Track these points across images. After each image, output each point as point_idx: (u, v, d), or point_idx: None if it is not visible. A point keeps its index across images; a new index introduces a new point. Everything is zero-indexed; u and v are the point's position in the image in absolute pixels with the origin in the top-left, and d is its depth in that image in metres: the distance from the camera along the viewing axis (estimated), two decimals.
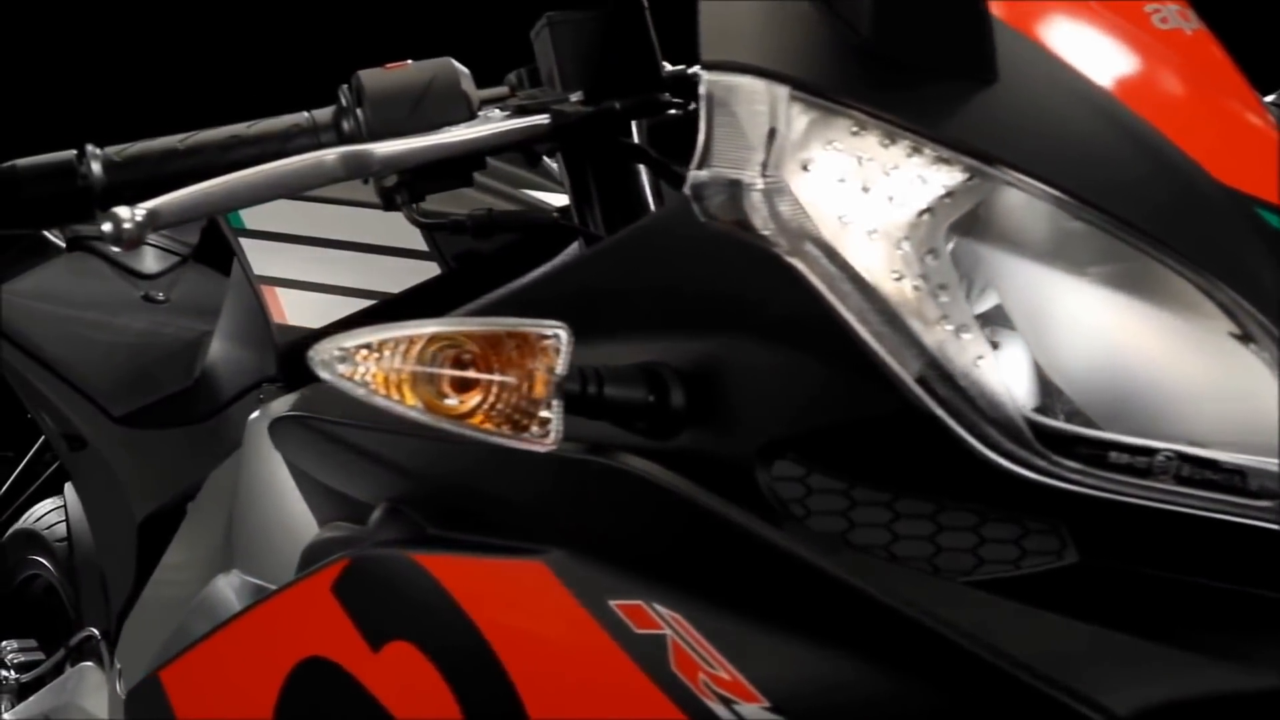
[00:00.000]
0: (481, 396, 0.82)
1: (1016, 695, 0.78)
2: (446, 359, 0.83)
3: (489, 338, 0.82)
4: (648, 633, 0.86)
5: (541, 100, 1.10)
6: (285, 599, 1.13)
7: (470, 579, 0.97)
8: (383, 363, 0.82)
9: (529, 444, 0.83)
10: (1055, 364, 0.84)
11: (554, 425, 0.82)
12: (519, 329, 0.82)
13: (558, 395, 0.82)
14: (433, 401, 0.83)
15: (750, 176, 0.82)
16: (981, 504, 0.86)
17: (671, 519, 0.86)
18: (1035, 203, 0.83)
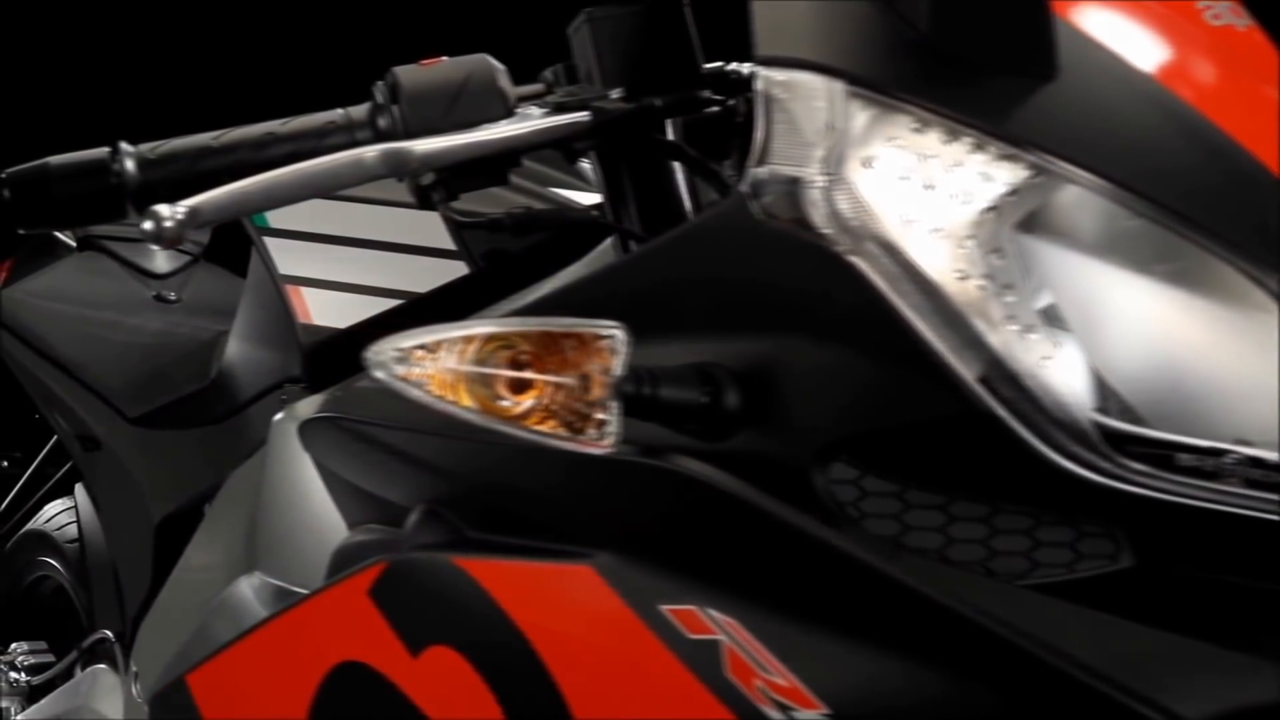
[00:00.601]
0: (537, 398, 0.81)
1: (1081, 699, 0.77)
2: (502, 360, 0.81)
3: (545, 338, 0.80)
4: (700, 638, 0.85)
5: (581, 97, 1.09)
6: (319, 603, 1.12)
7: (514, 583, 0.95)
8: (438, 363, 0.81)
9: (585, 446, 0.81)
10: (1112, 364, 0.82)
11: (611, 427, 0.81)
12: (576, 329, 0.80)
13: (615, 396, 0.80)
14: (487, 403, 0.81)
15: (810, 174, 0.80)
16: (1038, 507, 0.85)
17: (726, 522, 0.84)
18: (1094, 199, 0.82)
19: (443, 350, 0.81)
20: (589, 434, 0.81)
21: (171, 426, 1.88)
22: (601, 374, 0.80)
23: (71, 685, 2.14)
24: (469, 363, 0.81)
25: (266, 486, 1.47)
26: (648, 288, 0.88)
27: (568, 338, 0.81)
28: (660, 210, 1.18)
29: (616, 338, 0.80)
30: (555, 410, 0.81)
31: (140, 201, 1.07)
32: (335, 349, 1.43)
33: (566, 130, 1.08)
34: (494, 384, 0.81)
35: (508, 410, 0.82)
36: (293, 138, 1.09)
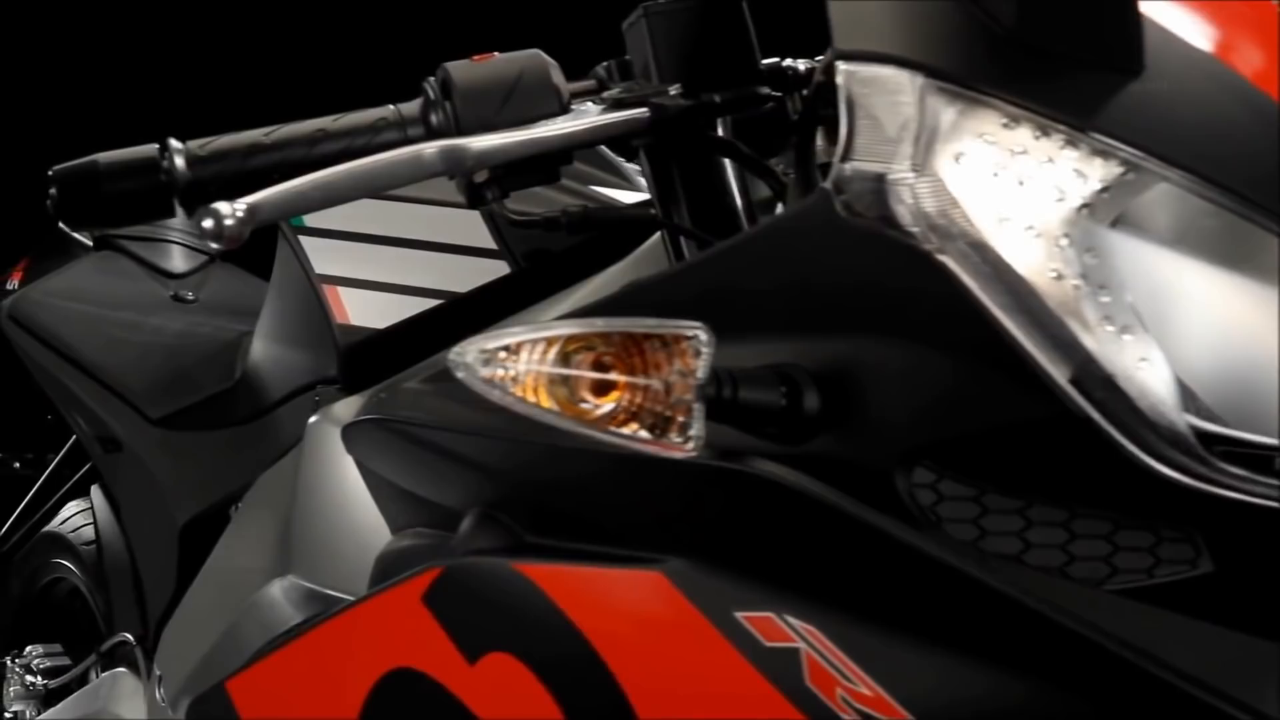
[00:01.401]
0: (618, 400, 0.79)
1: (1176, 706, 0.76)
2: (584, 361, 0.79)
3: (628, 339, 0.78)
4: (779, 646, 0.83)
5: (640, 93, 1.07)
6: (369, 609, 1.10)
7: (578, 589, 0.93)
8: (520, 365, 0.79)
9: (668, 450, 0.79)
10: (1197, 366, 0.81)
11: (695, 431, 0.79)
12: (659, 330, 0.78)
13: (699, 399, 0.78)
14: (568, 405, 0.79)
15: (897, 171, 0.78)
16: (1119, 511, 0.83)
17: (806, 526, 0.83)
18: (1179, 196, 0.80)
19: (524, 351, 0.79)
20: (672, 437, 0.79)
21: (195, 428, 1.86)
22: (685, 376, 0.78)
23: (90, 689, 2.12)
24: (550, 364, 0.79)
25: (302, 489, 1.45)
26: (724, 287, 0.86)
27: (651, 339, 0.78)
28: (712, 208, 1.16)
29: (700, 339, 0.78)
30: (637, 413, 0.79)
31: (189, 200, 1.05)
32: (373, 350, 1.41)
33: (625, 127, 1.06)
34: (575, 386, 0.79)
35: (588, 413, 0.80)
36: (344, 134, 1.07)
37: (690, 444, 0.79)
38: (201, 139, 1.06)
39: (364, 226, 1.44)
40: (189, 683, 1.71)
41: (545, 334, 0.79)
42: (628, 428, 0.80)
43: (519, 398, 0.79)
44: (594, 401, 0.79)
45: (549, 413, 0.80)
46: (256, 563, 1.57)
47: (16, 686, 2.33)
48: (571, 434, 0.81)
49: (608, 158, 1.43)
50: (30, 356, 2.15)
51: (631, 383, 0.79)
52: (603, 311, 0.83)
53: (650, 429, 0.79)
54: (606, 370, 0.79)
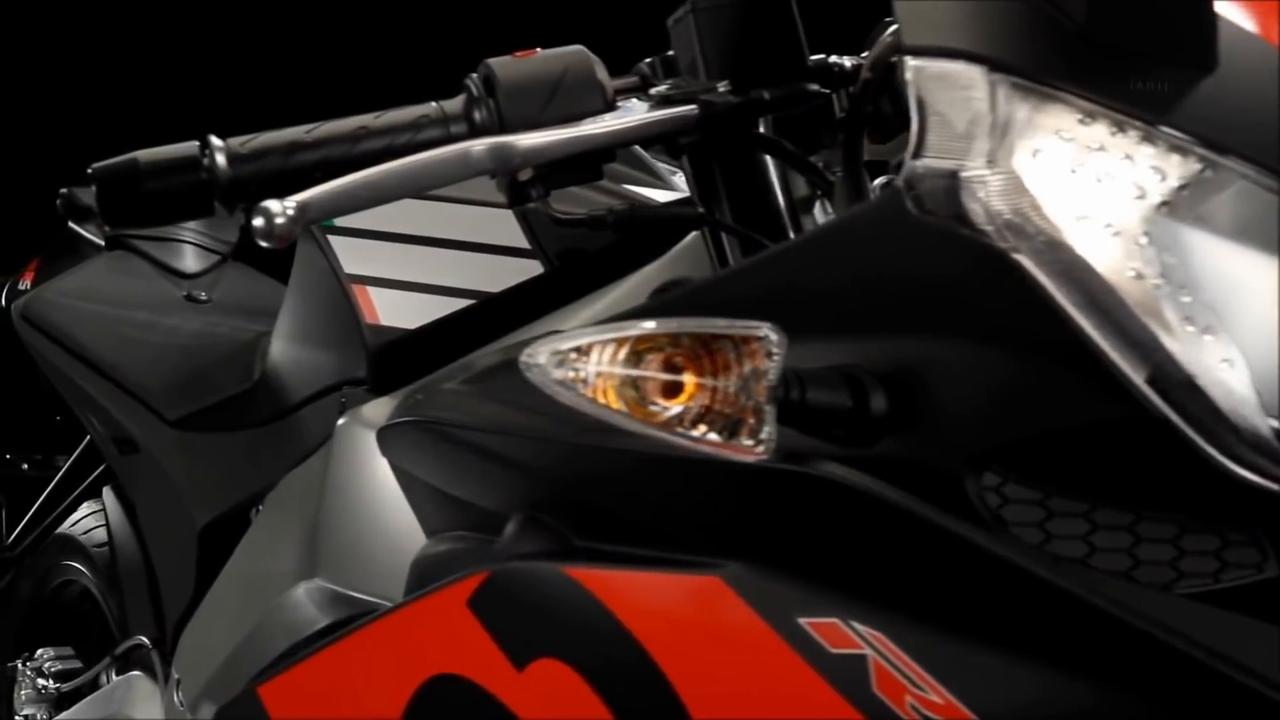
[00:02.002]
0: (689, 402, 0.77)
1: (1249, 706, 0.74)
2: (654, 362, 0.77)
3: (699, 339, 0.77)
4: (845, 652, 0.81)
5: (688, 90, 1.05)
6: (410, 614, 1.08)
7: (632, 594, 0.92)
8: (590, 366, 0.77)
9: (739, 453, 0.78)
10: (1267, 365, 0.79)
11: (766, 434, 0.77)
12: (730, 330, 0.77)
13: (770, 401, 0.77)
14: (636, 407, 0.78)
15: (970, 168, 0.77)
16: (1191, 514, 0.81)
17: (873, 530, 0.81)
18: (1259, 195, 0.78)
19: (594, 352, 0.77)
20: (742, 440, 0.77)
21: (213, 429, 1.84)
22: (757, 378, 0.76)
23: (105, 692, 2.10)
24: (621, 365, 0.77)
25: (331, 491, 1.43)
26: (789, 286, 0.85)
27: (722, 339, 0.77)
28: (755, 207, 1.14)
29: (772, 340, 0.77)
30: (707, 415, 0.78)
31: (229, 198, 1.04)
32: (403, 351, 1.39)
33: (673, 124, 1.05)
34: (645, 387, 0.78)
35: (656, 415, 0.78)
36: (386, 131, 1.05)
37: (761, 447, 0.77)
38: (242, 136, 1.04)
39: (394, 226, 1.42)
40: (209, 686, 1.69)
41: (616, 335, 0.77)
42: (696, 430, 0.78)
43: (590, 399, 0.78)
44: (663, 403, 0.77)
45: (619, 414, 0.78)
46: (280, 565, 1.56)
47: (28, 690, 2.31)
48: (635, 436, 0.80)
49: (640, 156, 1.41)
50: (44, 357, 2.14)
51: (703, 384, 0.77)
52: (667, 312, 0.81)
53: (720, 431, 0.78)
54: (677, 371, 0.77)
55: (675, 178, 1.43)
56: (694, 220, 1.12)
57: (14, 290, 2.30)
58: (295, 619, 1.49)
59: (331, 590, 1.44)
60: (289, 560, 1.53)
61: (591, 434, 0.94)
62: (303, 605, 1.49)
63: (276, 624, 1.53)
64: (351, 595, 1.42)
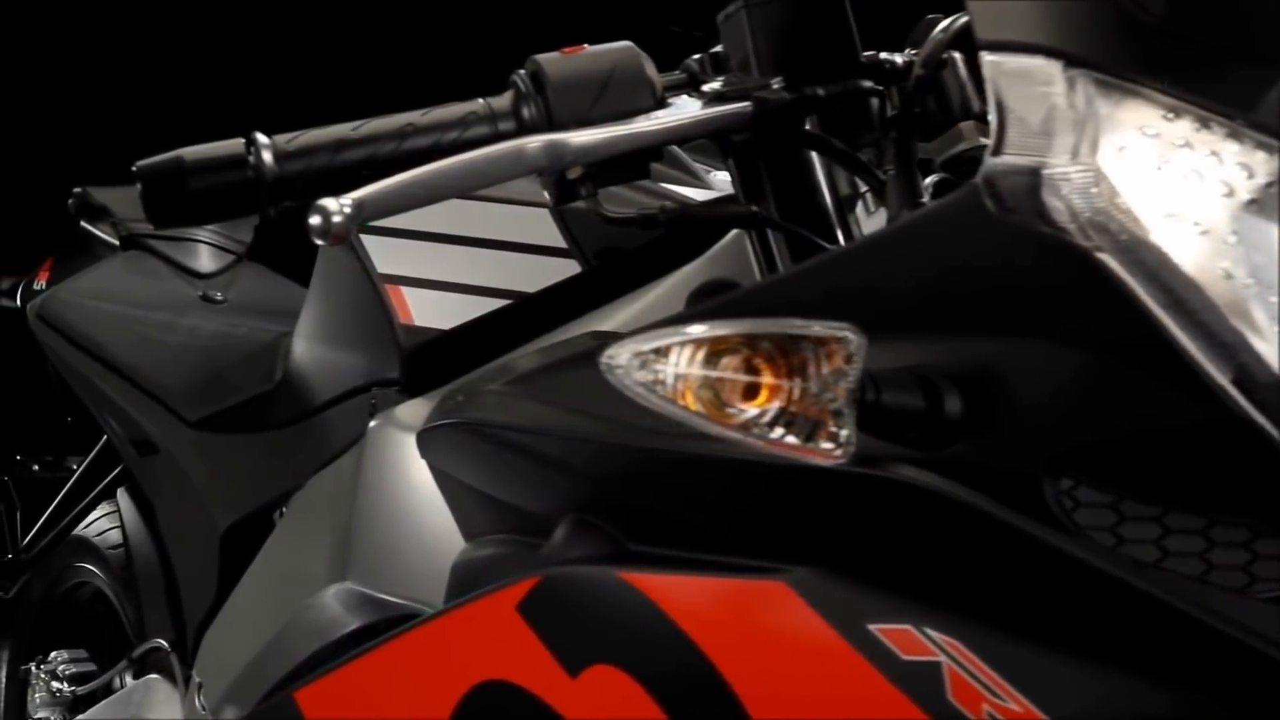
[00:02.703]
0: (767, 404, 0.76)
1: None
2: (732, 363, 0.76)
3: (778, 340, 0.75)
4: (918, 659, 0.79)
5: (741, 86, 1.03)
6: (457, 619, 1.06)
7: (692, 599, 0.90)
8: (669, 367, 0.75)
9: (816, 457, 0.76)
10: None
11: (846, 437, 0.75)
12: (810, 331, 0.75)
13: (851, 404, 0.75)
14: (713, 409, 0.76)
15: (1053, 165, 0.75)
16: (1261, 518, 0.80)
17: (948, 534, 0.79)
18: None
19: (673, 354, 0.76)
20: (821, 443, 0.75)
21: (235, 430, 1.83)
22: (838, 379, 0.75)
23: (123, 695, 2.08)
24: (699, 366, 0.76)
25: (363, 494, 1.41)
26: (862, 285, 0.83)
27: (802, 340, 0.75)
28: (802, 205, 1.13)
29: (853, 341, 0.75)
30: (785, 417, 0.76)
31: (275, 196, 1.02)
32: (438, 351, 1.38)
33: (727, 121, 1.03)
34: (723, 389, 0.76)
35: (733, 417, 0.76)
36: (433, 128, 1.04)
37: (840, 450, 0.76)
38: (287, 134, 1.03)
39: (429, 225, 1.40)
40: (233, 690, 1.67)
41: (695, 336, 0.75)
42: (774, 432, 0.76)
43: (671, 401, 0.76)
44: (741, 405, 0.76)
45: (697, 416, 0.76)
46: (308, 568, 1.54)
47: (42, 693, 2.30)
48: (703, 439, 0.78)
49: (677, 154, 1.40)
50: (60, 357, 2.12)
51: (782, 386, 0.75)
52: (740, 312, 0.79)
53: (798, 434, 0.76)
54: (756, 373, 0.76)
55: (710, 176, 1.41)
56: (746, 219, 1.10)
57: (29, 290, 2.28)
58: (324, 622, 1.48)
59: (363, 593, 1.43)
60: (317, 563, 1.51)
61: (647, 436, 0.93)
62: (332, 608, 1.47)
63: (304, 627, 1.51)
64: (384, 599, 1.40)
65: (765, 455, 0.78)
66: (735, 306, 0.85)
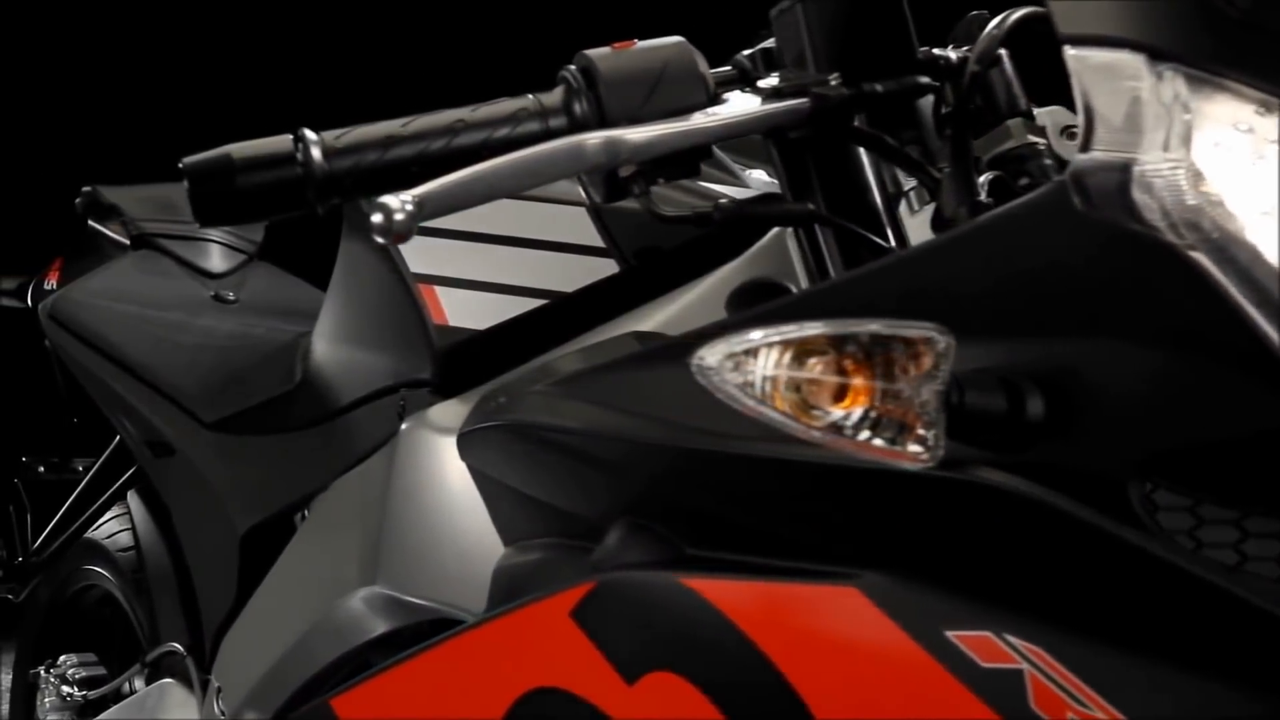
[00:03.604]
0: (855, 406, 0.74)
1: None
2: (821, 364, 0.74)
3: (869, 341, 0.73)
4: (998, 667, 0.78)
5: (799, 82, 1.02)
6: (506, 625, 1.04)
7: (757, 605, 0.88)
8: (758, 368, 0.74)
9: (905, 460, 0.74)
10: None
11: (935, 441, 0.74)
12: (901, 332, 0.73)
13: (941, 407, 0.73)
14: (798, 411, 0.74)
15: (1143, 161, 0.73)
16: None
17: (1031, 538, 0.78)
18: None
19: (761, 354, 0.74)
20: (909, 447, 0.74)
21: (254, 432, 1.80)
22: (929, 381, 0.73)
23: (137, 699, 2.05)
24: (787, 367, 0.74)
25: (395, 496, 1.39)
26: (941, 284, 0.81)
27: (892, 341, 0.73)
28: (852, 203, 1.11)
29: (944, 342, 0.73)
30: (872, 420, 0.74)
31: (323, 194, 1.00)
32: (473, 352, 1.36)
33: (784, 117, 1.01)
34: (809, 390, 0.74)
35: (818, 420, 0.74)
36: (483, 125, 1.01)
37: (928, 454, 0.74)
38: (335, 130, 1.01)
39: (463, 224, 1.38)
40: (254, 695, 1.65)
41: (783, 336, 0.73)
42: (860, 435, 0.75)
43: (762, 403, 0.74)
44: (828, 407, 0.74)
45: (787, 418, 0.74)
46: (333, 571, 1.52)
47: (52, 698, 2.26)
48: (787, 443, 0.76)
49: (714, 152, 1.38)
50: (72, 357, 2.09)
51: (873, 387, 0.73)
52: (810, 311, 0.77)
53: (885, 437, 0.74)
54: (845, 374, 0.74)
55: (746, 174, 1.39)
56: (803, 217, 1.08)
57: (39, 290, 2.26)
58: (352, 625, 1.46)
59: (393, 597, 1.40)
60: (344, 566, 1.49)
61: (714, 439, 0.91)
62: (360, 612, 1.45)
63: (331, 630, 1.49)
64: (415, 602, 1.38)
65: (850, 458, 0.76)
66: (808, 306, 0.84)
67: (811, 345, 0.74)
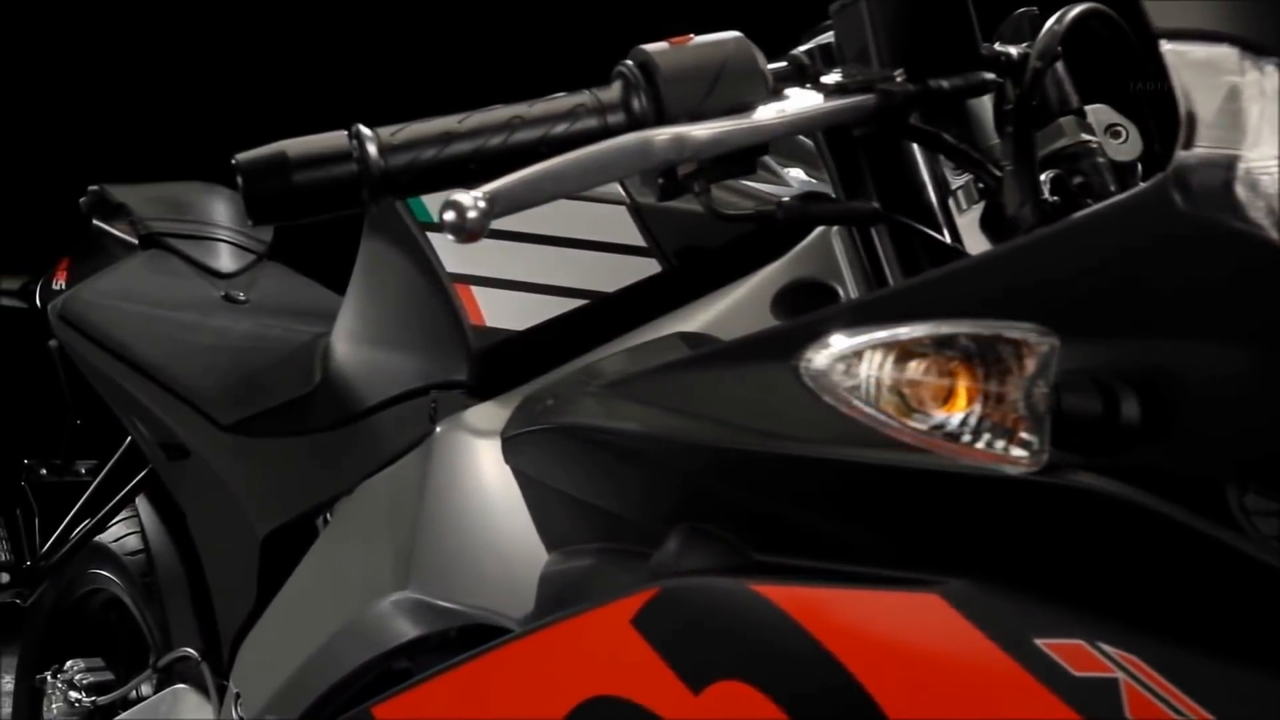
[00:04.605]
0: (956, 410, 0.72)
1: None
2: (925, 366, 0.72)
3: (974, 343, 0.71)
4: (1092, 676, 0.76)
5: (865, 79, 1.00)
6: (562, 632, 1.02)
7: (832, 613, 0.86)
8: (863, 371, 0.72)
9: (1008, 464, 0.72)
10: None
11: (1039, 445, 0.72)
12: (1007, 333, 0.71)
13: (1047, 410, 0.71)
14: (901, 414, 0.72)
15: (1250, 158, 0.72)
16: None
17: (1128, 543, 0.76)
18: None
19: (866, 356, 0.72)
20: (1013, 451, 0.72)
21: (272, 435, 1.77)
22: (1035, 384, 0.71)
23: (149, 705, 2.03)
24: (891, 370, 0.72)
25: (430, 500, 1.36)
26: (1032, 284, 0.79)
27: (1000, 342, 0.71)
28: (907, 201, 1.09)
29: (1050, 344, 0.71)
30: (977, 424, 0.72)
31: (379, 191, 0.97)
32: (511, 353, 1.33)
33: (849, 114, 0.99)
34: (912, 393, 0.72)
35: (921, 423, 0.73)
36: (541, 121, 0.99)
37: (1033, 459, 0.72)
38: (391, 126, 0.98)
39: (501, 222, 1.35)
40: (275, 700, 1.63)
41: (894, 338, 0.71)
42: (963, 439, 0.73)
43: (869, 406, 0.72)
44: (931, 410, 0.72)
45: (893, 422, 0.72)
46: (361, 575, 1.49)
47: (60, 703, 2.24)
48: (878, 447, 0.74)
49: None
50: (83, 358, 2.06)
51: (980, 390, 0.71)
52: (899, 311, 0.76)
53: (988, 441, 0.72)
54: (951, 376, 0.72)
55: (785, 173, 1.37)
56: (869, 216, 1.06)
57: (48, 290, 2.23)
58: (382, 630, 1.43)
59: (426, 602, 1.38)
60: (373, 570, 1.46)
61: (781, 441, 0.89)
62: (391, 617, 1.42)
63: (359, 635, 1.46)
64: (450, 607, 1.36)
65: (940, 462, 0.74)
66: (898, 305, 0.81)
67: (917, 347, 0.72)
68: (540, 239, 1.33)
